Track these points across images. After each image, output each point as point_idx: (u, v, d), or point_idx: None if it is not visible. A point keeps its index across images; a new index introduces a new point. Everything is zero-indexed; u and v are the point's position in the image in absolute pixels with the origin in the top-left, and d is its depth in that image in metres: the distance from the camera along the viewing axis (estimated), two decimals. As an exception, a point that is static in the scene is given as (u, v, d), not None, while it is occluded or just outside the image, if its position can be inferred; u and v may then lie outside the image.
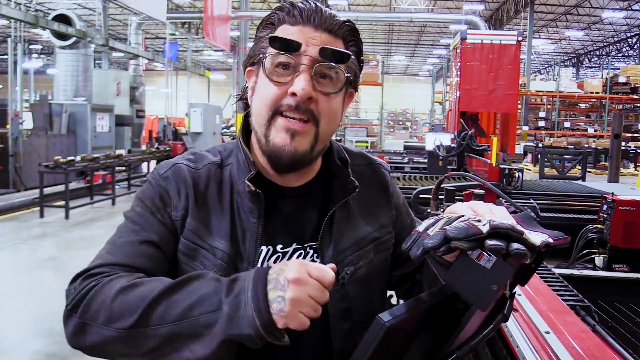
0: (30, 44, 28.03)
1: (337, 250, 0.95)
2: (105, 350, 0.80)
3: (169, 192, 0.93)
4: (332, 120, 0.91)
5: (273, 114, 0.88)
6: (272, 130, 0.88)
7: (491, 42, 9.11)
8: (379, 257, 1.01)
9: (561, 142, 18.98)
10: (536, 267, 0.78)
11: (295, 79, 0.86)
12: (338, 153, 1.01)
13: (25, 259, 5.97)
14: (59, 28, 11.29)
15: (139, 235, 0.90)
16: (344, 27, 0.90)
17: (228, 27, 13.60)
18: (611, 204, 3.20)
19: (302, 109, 0.86)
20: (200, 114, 13.54)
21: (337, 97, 0.90)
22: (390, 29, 29.73)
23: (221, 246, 0.90)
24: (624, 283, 2.47)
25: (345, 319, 0.94)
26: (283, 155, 0.88)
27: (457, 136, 7.21)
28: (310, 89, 0.85)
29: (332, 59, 0.86)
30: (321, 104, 0.87)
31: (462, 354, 0.76)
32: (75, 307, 0.80)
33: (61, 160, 8.16)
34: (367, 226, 1.00)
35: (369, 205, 1.02)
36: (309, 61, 0.86)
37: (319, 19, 0.87)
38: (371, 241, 0.99)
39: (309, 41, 0.86)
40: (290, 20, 0.88)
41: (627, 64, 27.22)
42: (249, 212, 0.92)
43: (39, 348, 3.63)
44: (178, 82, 19.40)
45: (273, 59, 0.87)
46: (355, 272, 0.96)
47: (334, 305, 0.92)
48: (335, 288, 0.93)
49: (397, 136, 29.03)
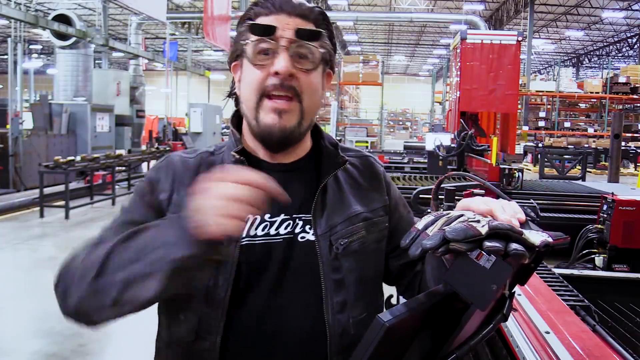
0: (30, 44, 28.05)
1: (329, 222, 0.99)
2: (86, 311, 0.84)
3: (159, 178, 1.00)
4: (314, 96, 0.97)
5: (260, 96, 0.94)
6: (261, 113, 0.95)
7: (491, 42, 9.12)
8: (372, 237, 1.03)
9: (561, 142, 18.99)
10: (536, 266, 0.78)
11: (276, 59, 0.93)
12: (329, 139, 1.08)
13: (25, 259, 5.97)
14: (59, 28, 11.29)
15: (125, 216, 0.97)
16: (315, 11, 0.98)
17: (228, 27, 13.59)
18: (611, 204, 3.20)
19: (285, 87, 0.93)
20: (200, 114, 13.54)
21: (316, 73, 0.97)
22: (390, 29, 29.74)
23: None
24: (624, 283, 2.47)
25: (337, 290, 0.97)
26: (273, 132, 0.94)
27: (457, 136, 7.21)
28: (290, 66, 0.92)
29: (306, 38, 0.94)
30: (302, 80, 0.94)
31: (462, 354, 0.76)
32: (58, 279, 0.88)
33: (61, 160, 8.16)
34: (358, 206, 1.04)
35: (361, 189, 1.07)
36: (286, 42, 0.93)
37: (290, 7, 0.95)
38: (363, 220, 1.03)
39: (284, 26, 0.94)
40: (264, 11, 0.96)
41: (627, 64, 27.22)
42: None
43: (39, 348, 3.63)
44: (178, 82, 19.41)
45: (254, 46, 0.94)
46: (348, 244, 0.99)
47: (327, 276, 0.96)
48: (329, 259, 0.97)
49: (397, 136, 29.04)
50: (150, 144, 12.83)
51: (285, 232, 0.97)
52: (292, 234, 0.97)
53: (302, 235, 0.98)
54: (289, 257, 0.96)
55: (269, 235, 0.96)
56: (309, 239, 0.97)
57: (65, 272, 0.87)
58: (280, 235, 0.97)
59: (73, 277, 0.84)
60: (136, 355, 3.52)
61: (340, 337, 0.95)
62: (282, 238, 0.97)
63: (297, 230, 0.98)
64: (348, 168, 1.06)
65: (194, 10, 21.92)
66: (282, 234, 0.97)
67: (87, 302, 0.82)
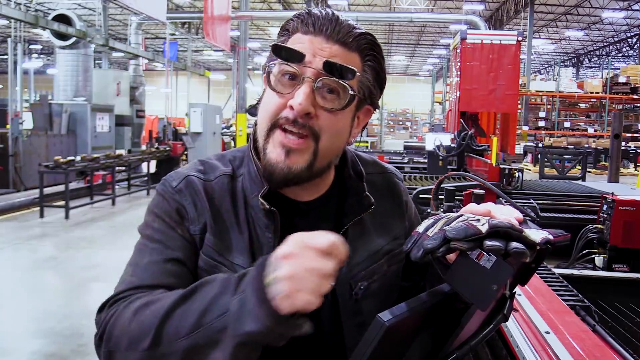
0: (30, 44, 28.03)
1: (350, 265, 0.92)
2: None
3: (185, 206, 0.89)
4: (336, 138, 0.86)
5: (272, 126, 0.85)
6: (269, 144, 0.86)
7: (491, 42, 9.12)
8: (392, 269, 0.99)
9: (561, 142, 18.99)
10: (537, 266, 0.77)
11: (296, 91, 0.82)
12: (353, 165, 0.97)
13: (25, 259, 5.97)
14: (59, 28, 11.28)
15: (163, 253, 0.86)
16: (361, 40, 0.85)
17: (228, 27, 13.59)
18: (611, 204, 3.20)
19: (299, 124, 0.83)
20: (200, 114, 13.51)
21: (343, 113, 0.85)
22: (390, 29, 29.71)
23: (240, 262, 0.87)
24: (624, 283, 2.47)
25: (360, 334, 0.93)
26: (276, 172, 0.85)
27: (457, 136, 7.21)
28: (308, 104, 0.81)
29: (337, 74, 0.82)
30: (323, 120, 0.83)
31: (462, 354, 0.76)
32: (101, 337, 0.78)
33: (61, 160, 8.16)
34: (380, 239, 0.98)
35: (383, 217, 0.99)
36: (313, 74, 0.82)
37: (332, 30, 0.83)
38: (384, 254, 0.97)
39: (316, 52, 0.82)
40: (302, 29, 0.85)
41: (627, 64, 27.20)
42: (264, 228, 0.89)
43: (39, 348, 3.62)
44: (178, 82, 19.39)
45: (277, 68, 0.84)
46: (368, 286, 0.94)
47: (348, 320, 0.91)
48: (349, 304, 0.92)
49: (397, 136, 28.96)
50: (150, 144, 12.78)
51: None
52: None
53: None
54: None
55: None
56: None
57: (110, 334, 0.76)
58: None
59: (119, 341, 0.75)
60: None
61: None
62: None
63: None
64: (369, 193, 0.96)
65: (194, 10, 21.91)
66: None
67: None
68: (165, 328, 0.71)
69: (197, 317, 0.69)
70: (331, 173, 0.95)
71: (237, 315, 0.66)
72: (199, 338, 0.69)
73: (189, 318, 0.70)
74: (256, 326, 0.65)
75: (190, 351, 0.69)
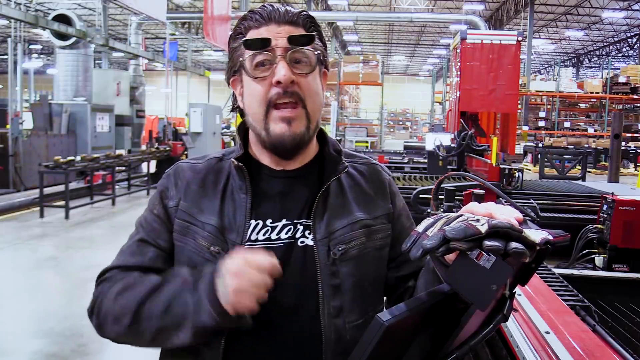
0: (30, 44, 28.03)
1: (329, 227, 1.00)
2: (123, 342, 0.96)
3: (168, 187, 1.05)
4: (316, 98, 1.00)
5: (267, 107, 0.97)
6: (270, 123, 0.97)
7: (491, 42, 9.12)
8: (372, 244, 1.04)
9: (561, 142, 18.99)
10: (537, 266, 0.78)
11: (275, 69, 0.95)
12: (333, 146, 1.09)
13: (25, 259, 5.97)
14: (59, 28, 11.28)
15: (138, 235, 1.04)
16: (302, 16, 1.00)
17: (228, 27, 13.58)
18: (611, 204, 3.20)
19: (289, 94, 0.96)
20: (200, 114, 13.48)
21: (314, 75, 1.00)
22: (390, 29, 29.73)
23: (211, 221, 1.00)
24: (624, 283, 2.47)
25: (335, 295, 0.98)
26: (285, 141, 0.97)
27: (457, 136, 7.20)
28: (290, 73, 0.95)
29: (300, 43, 0.97)
30: (302, 85, 0.97)
31: (462, 354, 0.76)
32: (92, 311, 0.99)
33: (61, 160, 8.16)
34: (360, 213, 1.04)
35: (366, 196, 1.08)
36: (282, 51, 0.96)
37: (278, 16, 0.98)
38: (363, 226, 1.03)
39: (276, 35, 0.96)
40: (254, 24, 0.98)
41: (627, 64, 27.22)
42: (239, 190, 1.01)
43: (39, 348, 3.62)
44: (178, 82, 19.40)
45: (251, 60, 0.97)
46: (346, 250, 1.00)
47: (324, 281, 0.97)
48: (327, 264, 0.98)
49: (397, 136, 28.94)
50: (150, 144, 12.77)
51: (286, 237, 0.99)
52: (293, 239, 0.99)
53: (301, 240, 0.99)
54: (288, 261, 0.97)
55: (269, 240, 0.98)
56: (307, 243, 0.99)
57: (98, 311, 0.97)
58: (281, 240, 0.98)
59: (106, 317, 0.95)
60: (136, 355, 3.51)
61: (336, 341, 0.96)
62: (282, 242, 0.98)
63: (298, 235, 0.99)
64: (353, 174, 1.08)
65: (194, 10, 21.93)
66: (283, 238, 0.99)
67: (124, 339, 0.96)
68: (141, 312, 0.91)
69: (164, 307, 0.90)
70: (313, 146, 1.07)
71: (195, 310, 0.86)
72: (166, 322, 0.90)
73: (158, 306, 0.90)
74: (209, 321, 0.85)
75: (160, 330, 0.90)
